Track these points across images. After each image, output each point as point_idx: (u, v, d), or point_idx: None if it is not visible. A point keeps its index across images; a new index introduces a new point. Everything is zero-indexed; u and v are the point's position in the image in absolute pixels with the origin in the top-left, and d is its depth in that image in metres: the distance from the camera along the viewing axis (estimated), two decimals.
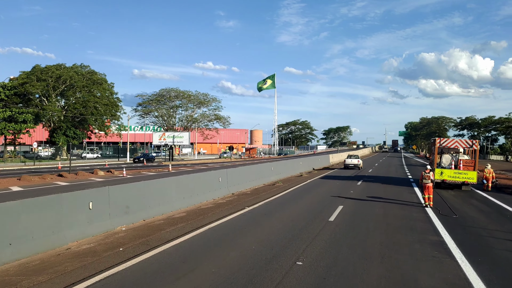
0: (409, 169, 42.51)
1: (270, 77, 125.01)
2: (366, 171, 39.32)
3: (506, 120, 77.11)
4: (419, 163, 57.67)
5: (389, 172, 39.17)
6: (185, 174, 23.84)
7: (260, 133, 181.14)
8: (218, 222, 13.22)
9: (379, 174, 36.34)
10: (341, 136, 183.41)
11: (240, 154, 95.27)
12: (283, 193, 21.35)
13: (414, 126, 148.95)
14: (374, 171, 39.51)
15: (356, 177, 32.34)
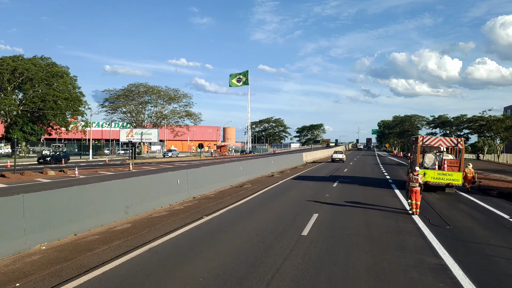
0: (386, 169, 40.73)
1: (243, 74, 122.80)
2: (342, 171, 37.29)
3: (479, 118, 76.78)
4: (394, 162, 56.27)
5: (365, 171, 37.24)
6: (144, 174, 21.11)
7: (233, 131, 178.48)
8: (165, 239, 10.60)
9: (355, 174, 34.31)
10: (315, 134, 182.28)
11: (212, 152, 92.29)
12: (251, 197, 18.85)
13: (387, 124, 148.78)
14: (349, 171, 37.51)
15: (331, 177, 30.16)
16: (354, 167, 42.77)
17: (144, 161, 55.09)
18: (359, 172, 36.70)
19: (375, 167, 43.96)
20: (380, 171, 37.92)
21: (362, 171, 37.48)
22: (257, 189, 22.19)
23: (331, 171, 36.53)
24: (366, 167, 43.01)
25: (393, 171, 37.91)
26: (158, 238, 10.64)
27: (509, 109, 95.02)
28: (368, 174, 34.74)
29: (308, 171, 36.69)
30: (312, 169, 39.24)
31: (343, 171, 36.83)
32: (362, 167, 43.09)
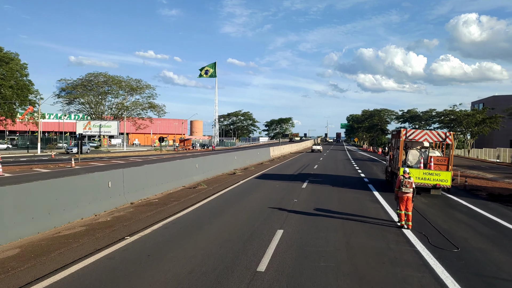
0: (359, 165, 37.85)
1: (210, 66, 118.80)
2: (311, 168, 34.10)
3: (450, 112, 75.42)
4: (365, 157, 53.80)
5: (337, 169, 34.17)
6: (86, 172, 17.19)
7: (200, 124, 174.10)
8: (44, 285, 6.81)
9: (326, 171, 31.16)
10: (283, 128, 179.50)
11: (176, 145, 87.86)
12: (202, 203, 15.20)
13: (356, 118, 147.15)
14: (320, 168, 34.37)
15: (300, 176, 26.84)
16: (324, 163, 39.73)
17: (95, 155, 50.37)
18: (331, 169, 33.60)
19: (347, 163, 41.10)
20: (353, 168, 34.93)
21: (334, 168, 34.41)
22: (212, 191, 18.54)
23: (300, 168, 33.26)
24: (338, 163, 40.05)
25: (367, 168, 34.99)
26: (37, 281, 6.87)
27: (476, 104, 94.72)
28: (341, 171, 31.65)
29: (275, 168, 33.31)
30: (280, 166, 35.91)
31: (313, 168, 33.64)
32: (333, 163, 40.12)
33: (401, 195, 11.79)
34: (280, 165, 36.83)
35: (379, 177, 27.52)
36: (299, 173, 28.74)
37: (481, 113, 72.24)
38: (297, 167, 34.16)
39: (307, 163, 39.58)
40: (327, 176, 27.25)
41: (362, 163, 40.95)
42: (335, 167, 35.29)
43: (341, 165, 38.41)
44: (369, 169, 34.48)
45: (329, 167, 35.08)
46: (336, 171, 31.84)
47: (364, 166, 36.65)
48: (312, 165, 36.37)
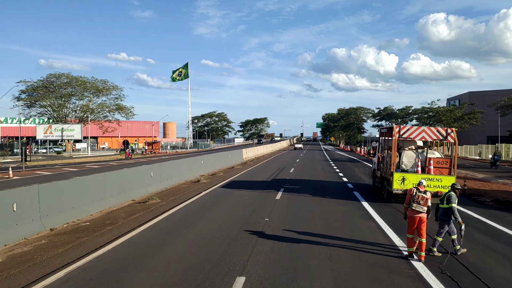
0: (339, 167, 34.61)
1: (183, 67, 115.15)
2: (287, 171, 30.78)
3: (429, 109, 73.33)
4: (344, 158, 50.90)
5: (316, 172, 30.94)
6: (29, 183, 13.29)
7: (173, 126, 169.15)
8: None
9: (304, 176, 27.82)
10: (259, 128, 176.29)
11: (144, 149, 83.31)
12: (141, 229, 11.52)
13: (331, 117, 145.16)
14: (297, 171, 31.09)
15: (274, 182, 23.39)
16: (302, 165, 36.49)
17: (49, 162, 45.70)
18: (309, 172, 30.34)
19: (326, 164, 37.97)
20: (333, 171, 31.75)
21: (312, 171, 31.16)
22: (164, 207, 14.85)
23: (275, 173, 29.86)
24: (316, 165, 36.87)
25: (349, 171, 31.86)
26: None
27: (452, 100, 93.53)
28: (320, 175, 28.34)
29: (247, 173, 29.85)
30: (252, 170, 32.44)
31: (289, 172, 30.31)
32: (311, 165, 36.93)
33: (412, 215, 8.50)
34: (253, 169, 33.34)
35: (364, 181, 24.33)
36: (273, 179, 25.31)
37: (460, 108, 70.47)
38: (271, 171, 30.76)
39: (283, 166, 36.27)
40: (305, 182, 23.88)
41: (342, 164, 37.85)
42: (313, 170, 32.03)
43: (320, 167, 35.21)
44: (351, 171, 31.36)
45: (307, 170, 31.81)
46: (315, 175, 28.54)
47: (345, 168, 33.46)
48: (288, 168, 33.02)
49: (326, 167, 34.72)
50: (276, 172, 29.91)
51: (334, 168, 33.64)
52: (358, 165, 36.58)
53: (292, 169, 32.81)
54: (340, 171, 30.91)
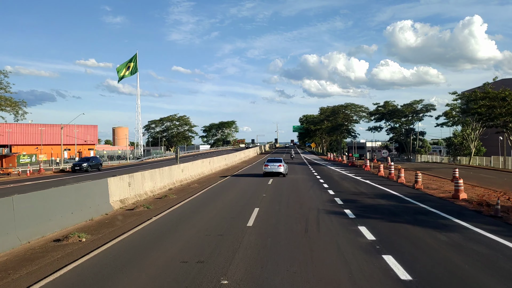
0: (374, 231, 14.20)
1: (131, 60, 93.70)
2: (243, 235, 10.07)
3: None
4: (360, 185, 31.00)
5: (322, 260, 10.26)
6: None
7: (125, 131, 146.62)
8: None
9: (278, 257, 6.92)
10: (225, 133, 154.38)
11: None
12: None
13: (311, 119, 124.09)
14: (263, 242, 10.29)
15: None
16: (276, 215, 15.97)
17: None
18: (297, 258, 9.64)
19: (338, 217, 17.78)
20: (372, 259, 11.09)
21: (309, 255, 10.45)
22: None
23: (212, 245, 8.92)
24: (310, 222, 16.42)
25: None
26: None
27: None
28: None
29: (167, 216, 8.89)
30: (181, 208, 11.61)
31: (250, 220, 9.72)
32: (299, 219, 16.53)
33: None
34: (187, 203, 12.64)
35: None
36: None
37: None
38: (203, 226, 9.89)
39: (239, 210, 15.58)
40: None
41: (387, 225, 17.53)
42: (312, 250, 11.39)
43: (326, 230, 14.59)
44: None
45: (291, 246, 11.08)
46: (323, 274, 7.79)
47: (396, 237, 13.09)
48: (245, 219, 12.45)
49: (345, 234, 13.76)
50: (215, 248, 9.10)
51: (367, 238, 12.81)
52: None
53: (251, 220, 12.26)
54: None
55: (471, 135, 52.99)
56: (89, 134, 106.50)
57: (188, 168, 29.13)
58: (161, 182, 22.57)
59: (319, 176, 30.79)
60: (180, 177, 26.71)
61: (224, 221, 12.77)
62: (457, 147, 61.34)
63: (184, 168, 28.12)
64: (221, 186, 24.52)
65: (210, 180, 28.38)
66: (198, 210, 15.27)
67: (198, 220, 13.32)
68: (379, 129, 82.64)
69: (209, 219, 13.25)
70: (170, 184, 24.00)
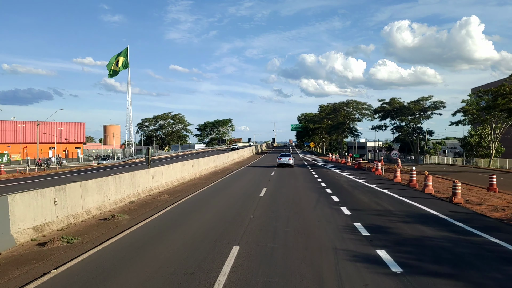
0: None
1: (121, 54, 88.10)
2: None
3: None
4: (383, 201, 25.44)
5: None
6: None
7: (117, 129, 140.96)
8: None
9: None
10: (221, 132, 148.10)
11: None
12: None
13: (310, 118, 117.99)
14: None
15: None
16: (264, 268, 10.51)
17: None
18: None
19: (373, 271, 12.34)
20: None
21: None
22: None
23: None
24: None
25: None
26: None
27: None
28: None
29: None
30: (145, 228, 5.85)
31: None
32: (305, 277, 11.12)
33: None
34: (158, 219, 6.90)
35: None
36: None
37: None
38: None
39: (193, 261, 10.03)
40: None
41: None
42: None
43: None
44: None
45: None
46: None
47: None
48: (221, 257, 6.93)
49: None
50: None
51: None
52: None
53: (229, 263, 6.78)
54: None
55: (491, 135, 47.69)
56: (76, 132, 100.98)
57: (162, 173, 23.43)
58: (117, 194, 16.90)
59: (324, 183, 25.04)
60: (150, 185, 21.07)
61: (182, 279, 7.15)
62: (473, 148, 55.74)
63: (156, 173, 22.43)
64: (199, 198, 18.85)
65: (188, 189, 22.72)
66: (145, 250, 9.61)
67: (138, 272, 7.69)
68: (384, 127, 77.15)
69: (156, 273, 7.59)
70: (132, 195, 18.37)
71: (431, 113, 70.27)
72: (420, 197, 18.55)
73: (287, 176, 30.60)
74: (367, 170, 37.68)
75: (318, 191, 20.71)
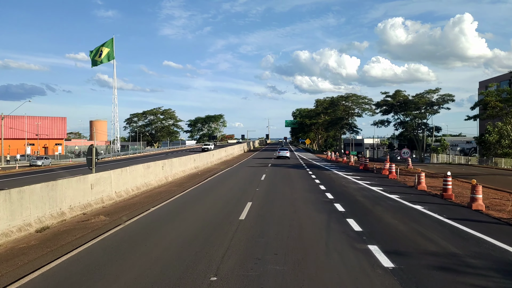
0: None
1: (106, 45, 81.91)
2: None
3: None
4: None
5: None
6: None
7: (103, 125, 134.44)
8: None
9: None
10: (212, 128, 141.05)
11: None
12: None
13: (305, 113, 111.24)
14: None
15: None
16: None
17: None
18: None
19: None
20: None
21: None
22: None
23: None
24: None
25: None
26: None
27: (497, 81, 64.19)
28: None
29: None
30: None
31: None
32: None
33: None
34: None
35: None
36: None
37: None
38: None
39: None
40: None
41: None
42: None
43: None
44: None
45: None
46: None
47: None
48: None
49: None
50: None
51: None
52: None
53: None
54: None
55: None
56: (57, 127, 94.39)
57: (111, 180, 17.18)
58: (12, 220, 10.73)
59: (330, 193, 18.75)
60: (87, 199, 14.88)
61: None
62: (491, 146, 49.93)
63: (99, 181, 16.19)
64: (148, 222, 12.65)
65: (148, 201, 16.53)
66: None
67: None
68: (387, 123, 71.00)
69: None
70: (48, 217, 12.19)
71: (439, 108, 64.34)
72: (478, 220, 12.51)
73: (281, 181, 24.46)
74: (376, 172, 31.62)
75: (325, 209, 14.53)
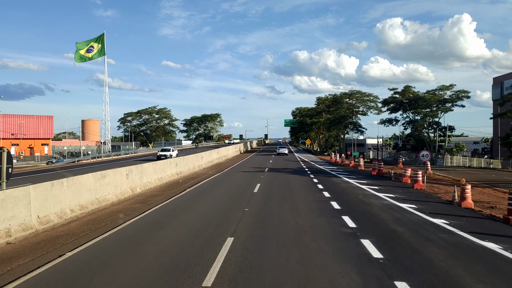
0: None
1: (96, 40, 76.76)
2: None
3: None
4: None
5: None
6: None
7: (96, 124, 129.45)
8: None
9: None
10: (209, 128, 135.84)
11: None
12: None
13: (305, 112, 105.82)
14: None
15: None
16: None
17: None
18: None
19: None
20: None
21: None
22: None
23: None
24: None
25: None
26: None
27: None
28: None
29: None
30: None
31: None
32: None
33: None
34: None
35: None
36: None
37: None
38: None
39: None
40: None
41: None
42: None
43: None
44: None
45: None
46: None
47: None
48: None
49: None
50: None
51: None
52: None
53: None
54: None
55: None
56: (43, 126, 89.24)
57: (29, 200, 11.90)
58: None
59: (349, 216, 13.42)
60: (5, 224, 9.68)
61: None
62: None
63: (4, 202, 10.94)
64: (85, 267, 7.51)
65: (73, 236, 11.42)
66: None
67: None
68: (395, 122, 65.81)
69: None
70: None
71: (452, 105, 59.21)
72: None
73: (280, 194, 19.13)
74: (395, 179, 26.41)
75: (349, 251, 9.27)
